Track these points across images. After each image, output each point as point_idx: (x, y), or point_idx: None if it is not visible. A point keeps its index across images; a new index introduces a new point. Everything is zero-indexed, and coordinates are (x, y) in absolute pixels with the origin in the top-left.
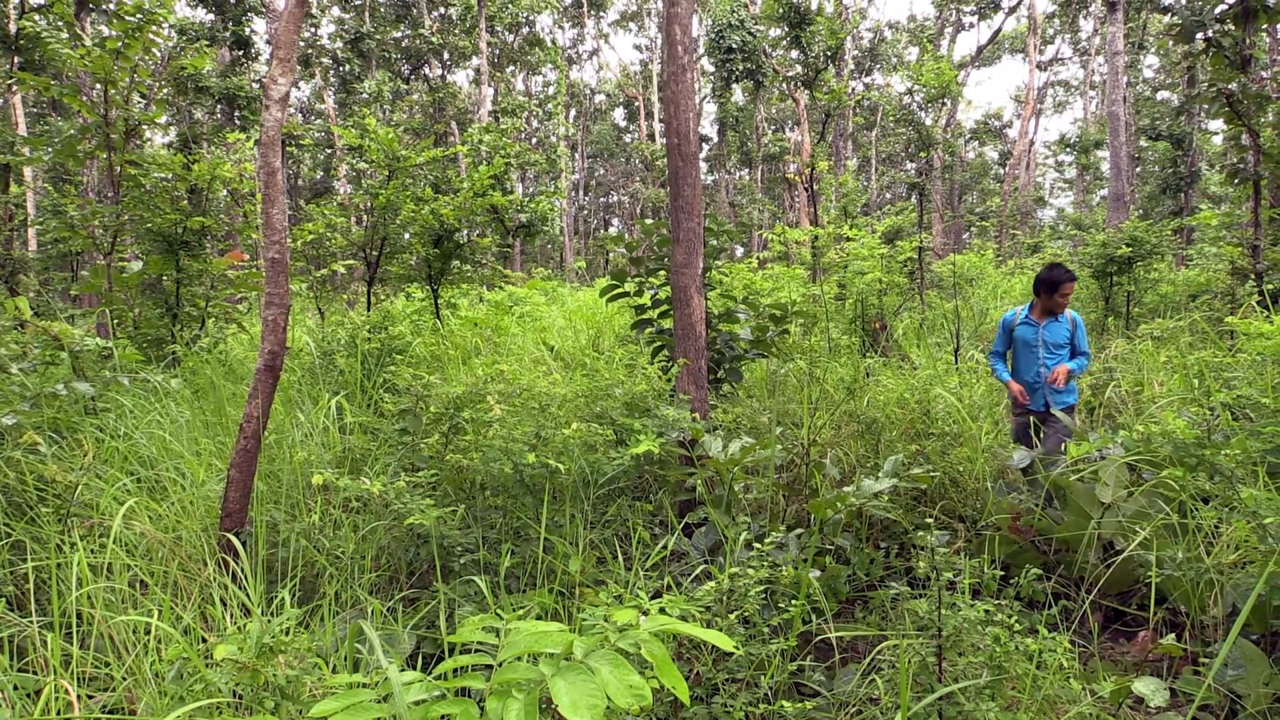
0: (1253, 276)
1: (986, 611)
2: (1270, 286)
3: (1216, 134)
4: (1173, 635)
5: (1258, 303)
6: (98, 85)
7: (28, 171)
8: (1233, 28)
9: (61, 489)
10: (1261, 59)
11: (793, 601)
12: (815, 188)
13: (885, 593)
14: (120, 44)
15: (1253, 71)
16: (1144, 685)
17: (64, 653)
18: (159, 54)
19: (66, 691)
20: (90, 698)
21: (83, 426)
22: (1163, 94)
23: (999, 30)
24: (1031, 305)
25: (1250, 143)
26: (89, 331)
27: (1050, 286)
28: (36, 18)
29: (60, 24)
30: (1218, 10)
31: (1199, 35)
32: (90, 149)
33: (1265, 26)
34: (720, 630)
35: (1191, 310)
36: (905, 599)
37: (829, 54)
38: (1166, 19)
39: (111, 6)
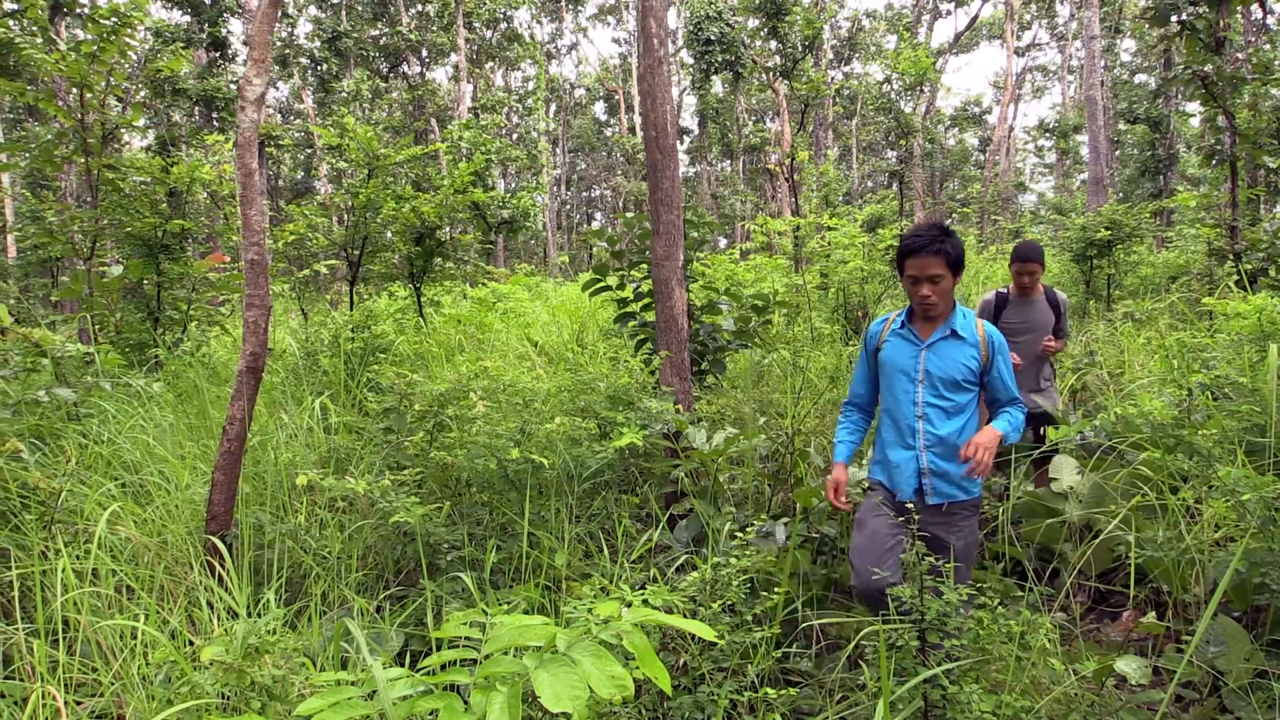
0: (1231, 257)
1: (969, 595)
2: (1248, 267)
3: (1194, 116)
4: (1153, 614)
5: (1235, 283)
6: (74, 90)
7: (5, 178)
8: (1206, 10)
9: (45, 496)
10: (1236, 40)
11: (774, 590)
12: (796, 178)
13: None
14: (95, 48)
15: (1227, 53)
16: (1126, 664)
17: (51, 659)
18: (135, 57)
19: (54, 698)
20: (78, 703)
21: (65, 432)
22: (1140, 77)
23: (976, 17)
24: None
25: (1226, 124)
26: (70, 337)
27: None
28: (10, 23)
29: (34, 29)
30: None
31: (1173, 18)
32: (67, 154)
33: (1239, 8)
34: (704, 619)
35: (1171, 292)
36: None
37: (807, 44)
38: (1141, 2)
39: (86, 10)
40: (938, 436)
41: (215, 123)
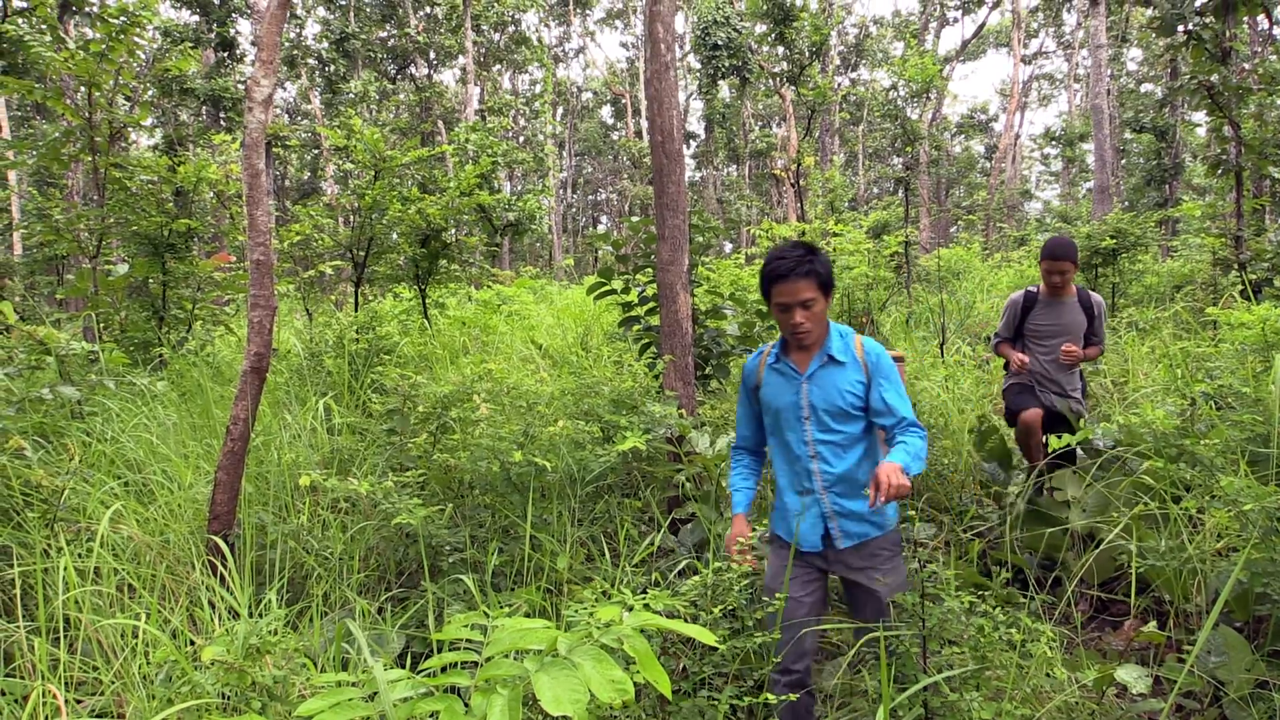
0: (1236, 267)
1: (971, 603)
2: (1252, 277)
3: (1200, 126)
4: (1154, 623)
5: (1240, 293)
6: (82, 88)
7: (12, 175)
8: (1213, 20)
9: (48, 494)
10: (1242, 51)
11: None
12: (802, 183)
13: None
14: (104, 46)
15: (1233, 63)
16: (1126, 673)
17: (51, 657)
18: (143, 56)
19: (54, 696)
20: (79, 702)
21: (69, 430)
22: (1146, 86)
23: (983, 25)
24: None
25: (1232, 134)
26: (75, 335)
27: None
28: (19, 21)
29: (43, 27)
30: (1198, 3)
31: (1180, 28)
32: (75, 152)
33: (1245, 18)
34: (705, 624)
35: (1175, 301)
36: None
37: (814, 50)
38: (1148, 12)
39: (95, 9)
40: (836, 475)
41: (222, 122)
